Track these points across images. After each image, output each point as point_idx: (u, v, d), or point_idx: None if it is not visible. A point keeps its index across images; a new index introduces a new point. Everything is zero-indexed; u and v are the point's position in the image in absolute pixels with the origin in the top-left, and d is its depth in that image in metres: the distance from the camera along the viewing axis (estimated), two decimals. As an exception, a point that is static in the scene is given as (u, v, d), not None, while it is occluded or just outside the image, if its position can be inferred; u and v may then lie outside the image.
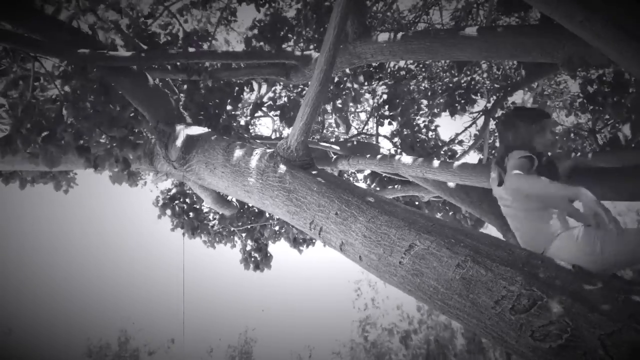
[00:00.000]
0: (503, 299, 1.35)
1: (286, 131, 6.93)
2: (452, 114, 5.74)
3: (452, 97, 5.62)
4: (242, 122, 5.98)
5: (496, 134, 7.23)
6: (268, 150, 2.40)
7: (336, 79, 5.10)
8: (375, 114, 5.96)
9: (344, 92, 4.89)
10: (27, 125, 3.18)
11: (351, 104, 5.40)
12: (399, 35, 3.28)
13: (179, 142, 2.91)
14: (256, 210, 6.25)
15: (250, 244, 6.48)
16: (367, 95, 5.69)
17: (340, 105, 5.02)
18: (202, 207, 6.46)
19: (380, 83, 5.34)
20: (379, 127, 6.03)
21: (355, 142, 5.31)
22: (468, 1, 6.15)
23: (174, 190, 6.39)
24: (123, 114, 3.50)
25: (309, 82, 2.81)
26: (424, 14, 6.63)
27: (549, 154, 2.25)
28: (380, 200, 1.92)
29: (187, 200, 6.33)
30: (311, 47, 5.07)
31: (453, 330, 20.72)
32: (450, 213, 6.19)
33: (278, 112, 5.51)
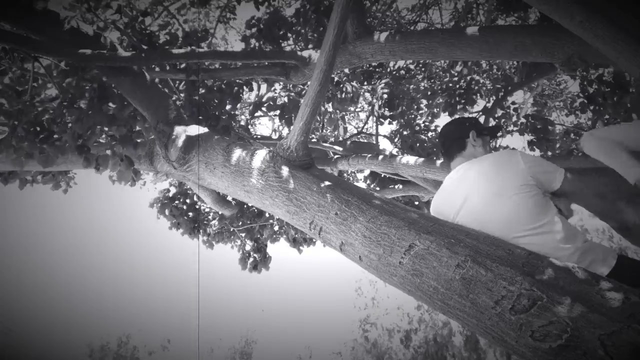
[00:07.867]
0: (503, 299, 1.34)
1: (286, 131, 6.93)
2: (451, 114, 5.74)
3: (452, 97, 5.62)
4: (242, 122, 5.98)
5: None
6: (268, 151, 2.39)
7: (336, 79, 5.10)
8: (375, 114, 5.96)
9: (343, 93, 4.89)
10: (24, 125, 3.17)
11: (351, 107, 5.40)
12: (399, 35, 3.28)
13: (178, 142, 2.91)
14: (256, 211, 6.25)
15: (249, 244, 6.48)
16: (367, 95, 5.69)
17: (338, 106, 5.02)
18: (202, 207, 6.46)
19: (380, 82, 5.33)
20: (379, 126, 6.03)
21: (354, 142, 5.31)
22: (468, 1, 6.15)
23: (173, 191, 6.39)
24: (122, 113, 3.50)
25: (309, 82, 2.81)
26: (424, 14, 6.63)
27: None
28: (380, 200, 1.92)
29: (187, 200, 6.33)
30: (310, 46, 5.07)
31: (451, 328, 20.72)
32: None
33: (278, 112, 5.51)
